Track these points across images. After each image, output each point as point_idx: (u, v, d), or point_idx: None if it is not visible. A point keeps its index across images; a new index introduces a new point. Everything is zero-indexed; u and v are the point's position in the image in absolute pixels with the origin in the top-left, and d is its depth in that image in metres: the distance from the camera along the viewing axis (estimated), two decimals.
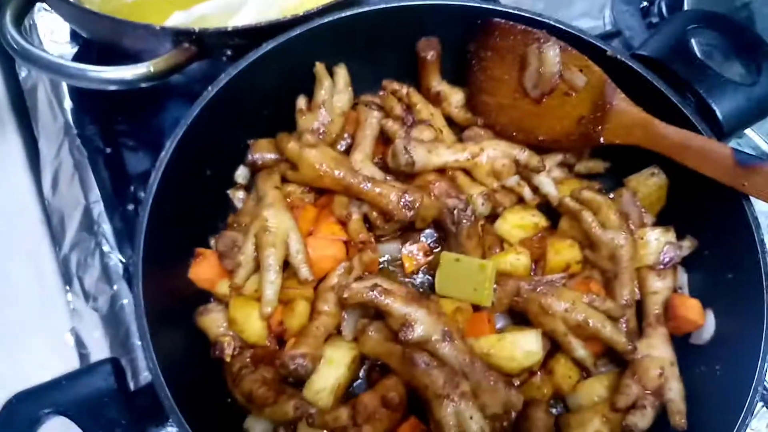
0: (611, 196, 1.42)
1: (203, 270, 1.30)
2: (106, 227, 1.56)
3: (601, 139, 1.38)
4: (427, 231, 1.45)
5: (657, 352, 1.26)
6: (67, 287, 1.58)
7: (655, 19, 1.91)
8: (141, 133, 1.73)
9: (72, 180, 1.63)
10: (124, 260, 1.52)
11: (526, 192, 1.43)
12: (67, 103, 1.71)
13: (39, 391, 1.02)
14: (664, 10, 1.90)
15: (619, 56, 1.41)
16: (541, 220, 1.43)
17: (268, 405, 1.13)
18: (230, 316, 1.23)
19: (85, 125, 1.69)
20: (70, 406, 1.00)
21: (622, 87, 1.36)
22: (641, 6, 1.96)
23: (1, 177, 1.73)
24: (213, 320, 1.25)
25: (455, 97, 1.53)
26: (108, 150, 1.68)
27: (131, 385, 1.16)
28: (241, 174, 1.46)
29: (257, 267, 1.26)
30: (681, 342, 1.30)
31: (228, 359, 1.21)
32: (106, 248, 1.54)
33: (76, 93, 1.71)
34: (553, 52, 1.38)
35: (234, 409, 1.23)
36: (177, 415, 1.00)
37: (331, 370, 1.20)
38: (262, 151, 1.41)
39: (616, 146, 1.39)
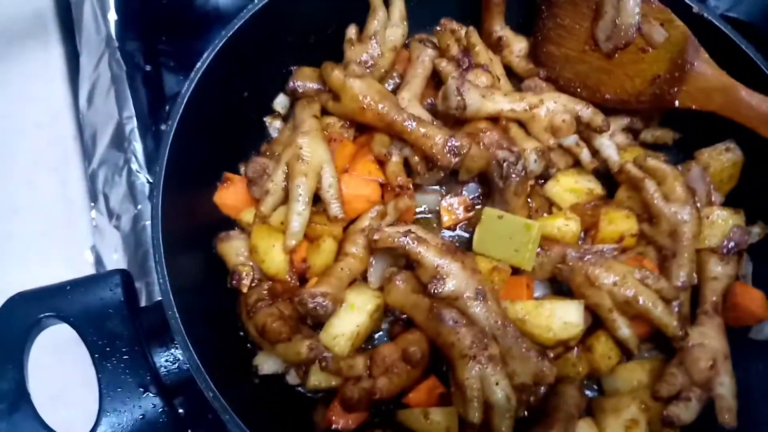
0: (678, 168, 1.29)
1: (229, 195, 1.23)
2: (137, 145, 1.49)
3: (676, 103, 1.24)
4: (470, 186, 1.35)
5: (710, 342, 1.14)
6: (92, 204, 1.53)
7: None
8: (183, 54, 1.65)
9: (108, 94, 1.57)
10: (151, 180, 1.46)
11: (585, 154, 1.30)
12: (112, 15, 1.64)
13: (41, 293, 0.96)
14: None
15: (706, 15, 1.27)
16: (597, 187, 1.31)
17: (281, 341, 1.05)
18: (252, 244, 1.15)
19: (128, 40, 1.62)
20: (72, 312, 0.94)
21: (706, 51, 1.22)
22: None
23: (41, 87, 1.69)
24: (233, 248, 1.18)
25: (518, 45, 1.41)
26: (147, 68, 1.61)
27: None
28: (280, 102, 1.38)
29: (286, 198, 1.18)
30: (738, 336, 1.17)
31: (245, 290, 1.14)
32: (134, 166, 1.47)
33: (122, 5, 1.64)
34: (633, 2, 1.24)
35: (244, 345, 1.17)
36: (183, 336, 0.93)
37: (351, 316, 1.12)
38: (305, 80, 1.32)
39: (687, 116, 1.25)
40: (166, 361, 0.97)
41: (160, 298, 0.98)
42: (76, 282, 0.98)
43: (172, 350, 0.98)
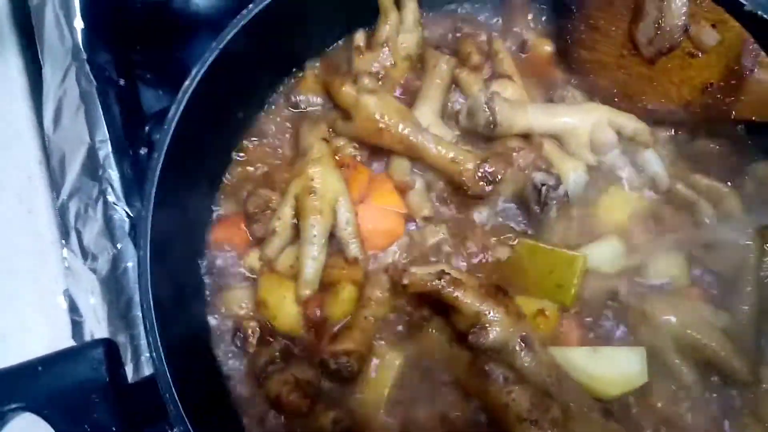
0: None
1: (228, 234, 1.05)
2: (113, 173, 1.30)
3: (732, 114, 1.11)
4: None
5: None
6: (63, 241, 1.33)
7: None
8: (162, 65, 1.47)
9: (77, 114, 1.37)
10: (131, 214, 1.27)
11: (628, 172, 1.16)
12: (78, 23, 1.44)
13: (6, 377, 0.77)
14: None
15: (761, 13, 1.12)
16: (646, 204, 1.15)
17: (300, 416, 0.88)
18: (259, 298, 0.98)
19: (97, 51, 1.42)
20: (45, 401, 0.76)
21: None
22: None
23: None
24: (236, 299, 1.01)
25: (545, 48, 1.26)
26: (121, 82, 1.42)
27: (129, 375, 0.92)
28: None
29: (295, 237, 1.01)
30: None
31: (251, 350, 0.97)
32: (111, 198, 1.28)
33: (89, 11, 1.44)
34: (679, 1, 1.10)
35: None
36: (185, 424, 0.75)
37: (381, 374, 0.96)
38: (308, 93, 1.15)
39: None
40: None
41: (150, 372, 0.81)
42: (48, 359, 0.80)
43: None
